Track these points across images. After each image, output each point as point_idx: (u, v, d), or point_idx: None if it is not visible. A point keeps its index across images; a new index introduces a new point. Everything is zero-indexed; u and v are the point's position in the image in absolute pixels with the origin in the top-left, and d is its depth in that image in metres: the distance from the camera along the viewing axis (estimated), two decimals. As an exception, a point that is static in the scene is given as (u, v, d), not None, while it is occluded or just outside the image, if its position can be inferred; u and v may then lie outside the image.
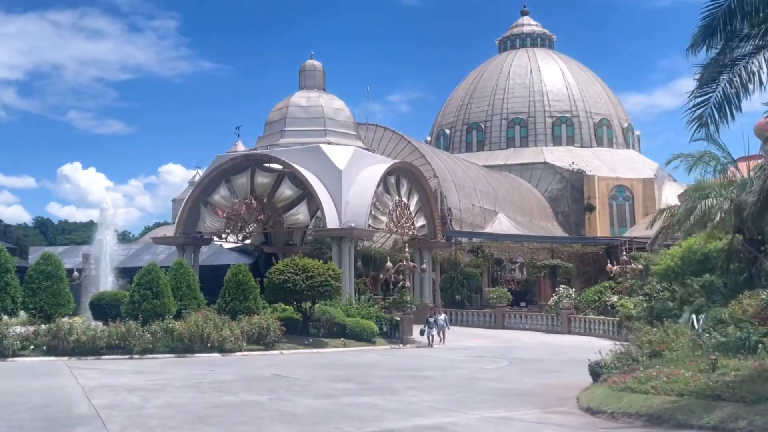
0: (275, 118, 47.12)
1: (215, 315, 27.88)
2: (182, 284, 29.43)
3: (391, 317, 35.93)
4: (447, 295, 50.03)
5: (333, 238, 41.53)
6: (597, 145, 79.13)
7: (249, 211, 43.36)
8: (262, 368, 21.28)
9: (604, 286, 44.57)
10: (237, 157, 43.81)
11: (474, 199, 57.14)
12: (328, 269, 31.45)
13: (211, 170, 44.40)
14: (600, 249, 50.08)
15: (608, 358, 16.14)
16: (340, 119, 46.73)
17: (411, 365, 23.25)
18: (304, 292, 30.45)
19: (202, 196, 44.42)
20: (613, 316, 40.91)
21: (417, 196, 47.30)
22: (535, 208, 68.85)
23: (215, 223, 44.07)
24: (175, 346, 26.16)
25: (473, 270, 51.40)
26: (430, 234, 48.86)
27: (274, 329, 28.45)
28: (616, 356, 16.15)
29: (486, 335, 40.42)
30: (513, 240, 51.69)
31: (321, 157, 42.76)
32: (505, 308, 46.54)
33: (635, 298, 35.95)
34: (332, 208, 41.47)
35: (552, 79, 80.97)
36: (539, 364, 24.00)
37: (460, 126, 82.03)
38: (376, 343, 34.13)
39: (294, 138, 45.46)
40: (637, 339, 17.81)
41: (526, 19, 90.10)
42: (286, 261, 31.59)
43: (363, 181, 42.72)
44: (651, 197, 72.23)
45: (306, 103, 46.56)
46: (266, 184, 42.96)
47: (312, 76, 48.09)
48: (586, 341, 37.40)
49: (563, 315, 42.77)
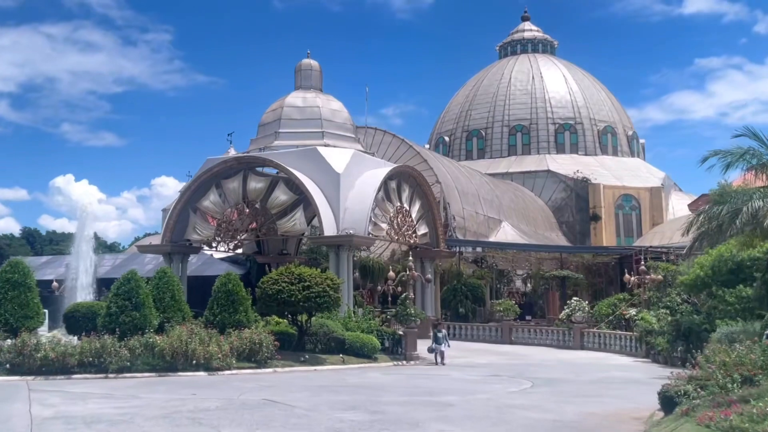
0: (269, 120, 44.43)
1: (202, 329, 25.09)
2: (165, 295, 26.62)
3: (394, 331, 33.19)
4: (450, 307, 47.25)
5: (330, 247, 38.79)
6: (601, 153, 76.71)
7: (241, 217, 40.56)
8: (253, 391, 18.48)
9: (618, 298, 41.92)
10: (228, 160, 41.06)
11: (478, 206, 54.49)
12: (327, 279, 28.71)
13: (201, 174, 41.62)
14: (611, 259, 47.46)
15: (680, 382, 13.33)
16: (338, 121, 44.06)
17: (424, 388, 20.48)
18: (300, 304, 27.70)
19: (191, 202, 41.63)
20: (629, 330, 38.40)
21: (419, 202, 44.62)
22: (539, 218, 66.26)
23: (205, 230, 41.25)
24: (156, 364, 23.35)
25: (477, 281, 48.67)
26: (433, 243, 46.15)
27: (267, 345, 25.67)
28: (691, 381, 13.36)
29: (494, 351, 37.66)
30: (521, 249, 49.01)
31: (318, 160, 40.08)
32: (512, 322, 43.80)
33: (658, 311, 33.27)
34: (330, 214, 38.75)
35: (554, 85, 78.63)
36: (568, 385, 21.23)
37: (460, 133, 79.53)
38: (378, 360, 31.39)
39: (289, 140, 42.75)
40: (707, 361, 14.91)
41: (527, 24, 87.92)
42: (280, 269, 28.84)
43: (362, 185, 40.02)
44: (658, 207, 69.79)
45: (302, 104, 43.89)
46: (259, 188, 40.20)
47: (308, 76, 45.45)
48: (603, 358, 34.78)
49: (576, 329, 40.06)
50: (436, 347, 29.04)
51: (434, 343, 29.31)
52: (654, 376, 24.88)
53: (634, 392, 19.21)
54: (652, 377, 24.65)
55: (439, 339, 29.20)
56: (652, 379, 23.85)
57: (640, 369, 28.93)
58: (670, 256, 43.10)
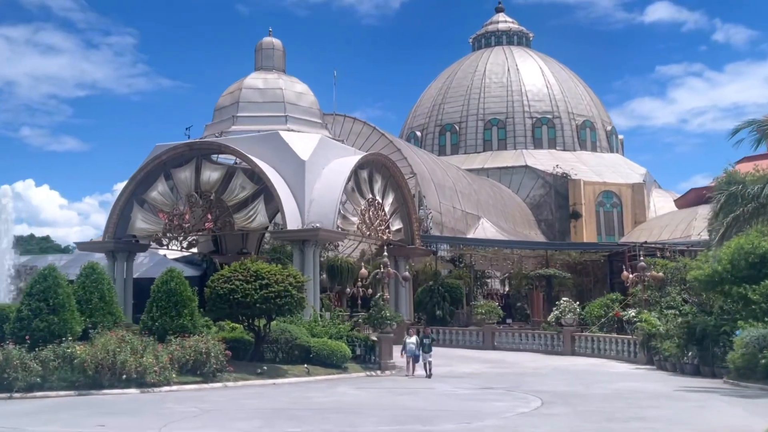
0: (226, 103, 40.07)
1: (136, 336, 20.71)
2: (93, 295, 22.17)
3: (366, 337, 29.07)
4: (426, 310, 43.23)
5: (294, 243, 34.54)
6: (580, 148, 73.43)
7: (193, 211, 36.07)
8: (185, 420, 14.21)
9: (610, 298, 38.22)
10: (178, 146, 36.53)
11: (455, 201, 50.52)
12: (289, 276, 24.44)
13: (148, 162, 37.07)
14: (600, 257, 43.86)
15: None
16: (304, 105, 39.84)
17: (410, 409, 16.34)
18: (257, 306, 23.39)
19: (137, 194, 37.08)
20: (623, 333, 34.75)
21: (393, 195, 40.56)
22: (518, 215, 62.59)
23: (151, 224, 36.68)
24: (76, 380, 18.95)
25: (456, 281, 44.71)
26: (408, 239, 42.12)
27: (216, 355, 21.39)
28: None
29: (478, 358, 33.72)
30: (504, 246, 45.17)
31: (280, 146, 35.84)
32: (494, 326, 39.92)
33: (666, 313, 29.56)
34: (293, 207, 34.52)
35: (531, 78, 75.19)
36: (586, 403, 17.22)
37: (433, 128, 75.67)
38: (348, 370, 27.25)
39: (248, 125, 38.47)
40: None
41: (502, 16, 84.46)
42: (234, 265, 24.50)
43: (330, 174, 35.87)
44: (641, 203, 66.62)
45: (263, 86, 39.60)
46: (214, 178, 35.76)
47: (270, 56, 41.16)
48: (600, 365, 31.02)
49: (566, 333, 36.29)
50: (424, 356, 24.89)
51: (419, 350, 25.14)
52: (677, 388, 21.13)
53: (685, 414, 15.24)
54: (676, 389, 20.89)
55: (426, 347, 25.07)
56: (678, 392, 20.07)
57: (651, 378, 25.15)
58: (665, 253, 39.55)
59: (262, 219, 34.55)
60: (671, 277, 35.34)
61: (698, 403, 16.56)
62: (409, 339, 25.36)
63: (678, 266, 35.65)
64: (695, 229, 48.80)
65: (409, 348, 25.22)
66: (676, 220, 53.22)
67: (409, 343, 25.24)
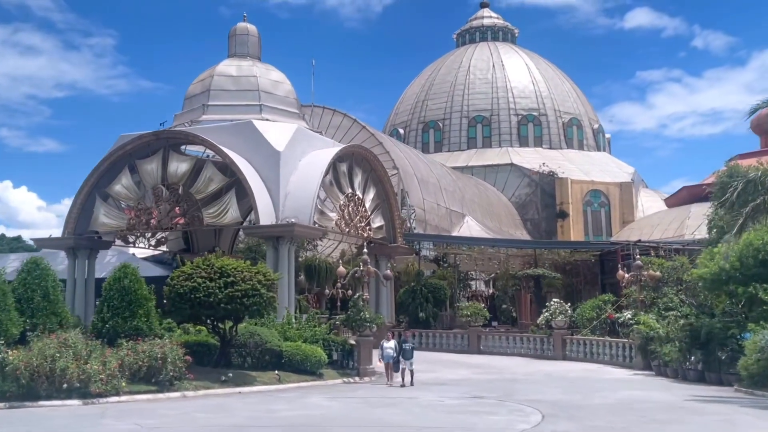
0: (196, 91, 37.64)
1: (82, 340, 18.33)
2: (35, 294, 19.79)
3: (344, 340, 26.84)
4: (408, 312, 41.00)
5: (268, 239, 32.20)
6: (567, 146, 71.54)
7: (159, 205, 33.59)
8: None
9: (602, 299, 36.24)
10: (144, 136, 34.04)
11: (439, 198, 48.32)
12: (258, 272, 22.16)
13: (112, 153, 34.59)
14: (591, 256, 41.87)
15: None
16: (279, 94, 37.48)
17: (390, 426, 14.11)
18: (222, 306, 21.10)
19: (100, 187, 34.56)
20: (620, 337, 32.77)
21: (374, 190, 38.31)
22: (503, 214, 60.52)
23: (114, 219, 34.19)
24: (7, 390, 16.57)
25: (440, 282, 42.52)
26: (390, 237, 39.89)
27: (174, 360, 19.07)
28: None
29: (464, 363, 31.56)
30: (491, 245, 43.02)
31: (254, 136, 33.51)
32: (480, 329, 37.78)
33: (667, 314, 27.54)
34: (267, 200, 32.19)
35: (517, 74, 73.22)
36: (591, 416, 15.06)
37: (416, 125, 73.47)
38: (323, 377, 25.07)
39: (220, 114, 36.07)
40: None
41: (486, 11, 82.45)
42: (198, 261, 22.20)
43: (307, 167, 33.58)
44: (629, 203, 64.80)
45: (236, 73, 37.22)
46: (182, 170, 33.31)
47: (244, 42, 38.76)
48: (595, 370, 29.00)
49: (557, 336, 34.24)
50: (405, 363, 22.65)
51: (401, 356, 22.90)
52: (687, 397, 19.08)
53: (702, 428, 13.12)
54: (686, 399, 18.82)
55: (407, 352, 22.80)
56: (690, 402, 17.99)
57: (653, 386, 23.14)
58: (659, 252, 37.62)
59: (234, 214, 32.17)
60: (667, 276, 33.44)
61: (722, 417, 14.48)
62: (387, 344, 23.10)
63: (674, 265, 33.78)
64: (688, 228, 47.00)
65: (386, 354, 22.94)
66: (667, 219, 51.42)
67: (386, 348, 22.98)
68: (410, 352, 22.58)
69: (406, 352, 22.51)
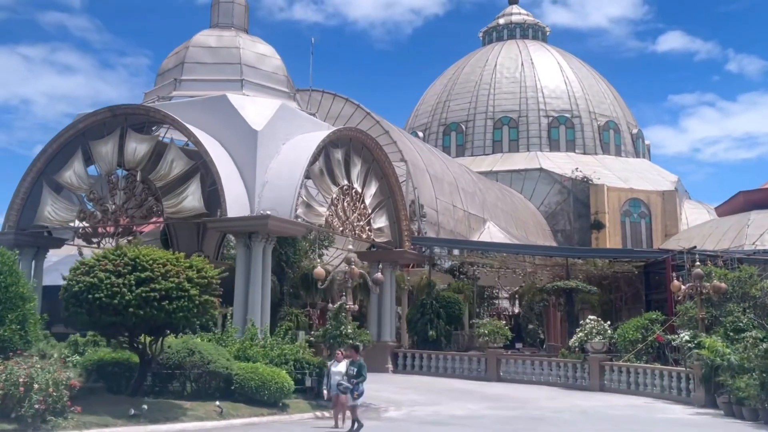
0: (170, 65, 32.15)
1: None
2: None
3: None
4: (416, 329, 34.93)
5: (239, 236, 26.46)
6: (602, 152, 65.03)
7: (114, 194, 27.99)
8: None
9: (649, 317, 29.88)
10: (99, 112, 28.48)
11: (456, 198, 42.11)
12: (189, 267, 16.29)
13: (62, 133, 29.16)
14: (633, 267, 35.46)
15: None
16: (266, 69, 31.84)
17: None
18: (131, 311, 15.22)
19: (47, 173, 29.15)
20: (670, 364, 26.51)
21: (376, 184, 32.46)
22: (530, 223, 54.15)
23: (61, 211, 28.68)
24: None
25: (454, 295, 36.40)
26: (395, 241, 33.95)
27: (46, 387, 13.25)
28: None
29: (478, 393, 25.46)
30: (515, 252, 36.70)
31: (228, 112, 27.94)
32: (500, 351, 31.59)
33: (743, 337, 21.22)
34: (240, 189, 26.52)
35: (548, 73, 67.05)
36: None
37: (436, 127, 67.52)
38: (287, 409, 19.27)
39: (194, 90, 30.49)
40: None
41: (515, 7, 76.54)
42: (106, 250, 16.40)
43: (291, 151, 27.87)
44: (672, 214, 58.10)
45: (215, 44, 31.68)
46: (141, 152, 27.67)
47: (228, 12, 33.22)
48: (643, 406, 22.72)
49: (593, 362, 27.99)
50: (344, 389, 16.16)
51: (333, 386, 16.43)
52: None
53: None
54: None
55: (352, 376, 16.25)
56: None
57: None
58: (718, 262, 31.08)
59: (194, 203, 26.39)
60: (731, 291, 27.01)
61: None
62: (334, 367, 16.80)
63: (741, 277, 27.31)
64: (749, 237, 40.42)
65: (333, 381, 16.55)
66: (722, 228, 44.72)
67: (333, 374, 16.68)
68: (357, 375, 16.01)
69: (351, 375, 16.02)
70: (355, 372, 15.85)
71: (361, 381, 15.80)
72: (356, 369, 15.90)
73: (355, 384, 15.60)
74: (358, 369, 15.90)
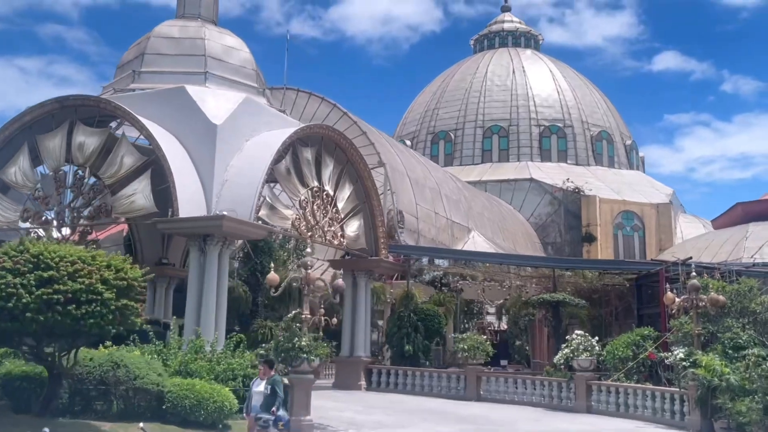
0: (130, 57, 30.00)
1: None
2: None
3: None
4: (392, 344, 32.66)
5: (193, 238, 24.20)
6: (595, 163, 62.99)
7: (60, 192, 25.76)
8: None
9: (640, 334, 27.68)
10: (46, 104, 26.30)
11: (438, 205, 39.88)
12: (106, 266, 14.04)
13: (6, 126, 26.96)
14: (624, 280, 33.32)
15: None
16: (233, 62, 29.70)
17: None
18: (31, 318, 12.95)
19: (-9, 169, 26.91)
20: (666, 384, 24.34)
21: (350, 187, 30.31)
22: (519, 234, 51.96)
23: (6, 211, 26.44)
24: None
25: (434, 308, 34.17)
26: (371, 249, 31.75)
27: None
28: None
29: (453, 414, 23.19)
30: (499, 262, 34.51)
31: (186, 105, 25.86)
32: (480, 368, 29.32)
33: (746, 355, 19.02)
34: (196, 187, 24.37)
35: (540, 81, 65.12)
36: None
37: (424, 135, 65.43)
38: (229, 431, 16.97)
39: (154, 83, 28.31)
40: None
41: (508, 15, 74.74)
42: (8, 246, 14.15)
43: (255, 148, 25.74)
44: (667, 228, 55.98)
45: (178, 35, 29.56)
46: (90, 146, 25.46)
47: (195, 2, 31.07)
48: (636, 430, 20.58)
49: (579, 381, 25.76)
50: (264, 423, 13.75)
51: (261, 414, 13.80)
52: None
53: None
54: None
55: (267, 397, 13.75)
56: None
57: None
58: (715, 274, 28.89)
59: (143, 202, 24.12)
60: (729, 305, 24.82)
61: None
62: (256, 387, 14.40)
63: (740, 290, 25.13)
64: (747, 250, 38.31)
65: (254, 403, 14.03)
66: (719, 240, 42.61)
67: (254, 394, 14.24)
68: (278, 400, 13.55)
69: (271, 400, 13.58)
70: (269, 391, 13.47)
71: (279, 404, 13.44)
72: (270, 387, 13.53)
73: (275, 414, 13.24)
74: (271, 387, 13.52)
